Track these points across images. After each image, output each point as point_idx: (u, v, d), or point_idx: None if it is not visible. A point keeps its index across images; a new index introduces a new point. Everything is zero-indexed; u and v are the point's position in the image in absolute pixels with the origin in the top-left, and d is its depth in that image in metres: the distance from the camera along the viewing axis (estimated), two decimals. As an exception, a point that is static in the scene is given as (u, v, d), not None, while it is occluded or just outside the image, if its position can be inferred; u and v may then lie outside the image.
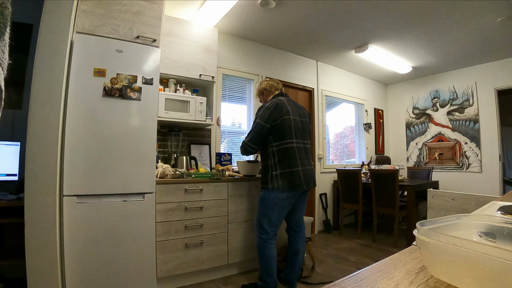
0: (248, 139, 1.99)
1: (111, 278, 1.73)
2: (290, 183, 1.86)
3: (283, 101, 1.99)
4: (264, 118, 1.91)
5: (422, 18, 2.79)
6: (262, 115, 1.93)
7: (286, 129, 1.91)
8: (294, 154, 1.90)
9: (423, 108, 4.67)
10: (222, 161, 2.84)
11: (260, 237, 1.95)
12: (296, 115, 1.99)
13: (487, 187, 3.84)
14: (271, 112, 1.91)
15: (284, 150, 1.90)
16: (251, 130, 1.99)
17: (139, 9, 2.02)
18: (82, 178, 1.68)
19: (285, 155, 1.89)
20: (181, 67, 2.49)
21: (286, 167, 1.88)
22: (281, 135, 1.91)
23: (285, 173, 1.87)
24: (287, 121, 1.92)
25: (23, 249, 1.48)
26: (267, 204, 1.92)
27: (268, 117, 1.91)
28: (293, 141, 1.92)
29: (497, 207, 0.72)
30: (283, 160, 1.89)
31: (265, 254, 1.94)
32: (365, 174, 3.80)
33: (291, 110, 1.97)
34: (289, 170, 1.87)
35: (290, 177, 1.87)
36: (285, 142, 1.91)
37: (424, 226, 0.39)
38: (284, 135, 1.91)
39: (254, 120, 1.99)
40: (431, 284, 0.36)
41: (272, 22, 2.93)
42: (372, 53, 3.61)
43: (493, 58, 3.85)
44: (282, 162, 1.89)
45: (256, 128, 1.94)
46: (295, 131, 1.94)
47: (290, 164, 1.88)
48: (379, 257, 2.56)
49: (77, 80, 1.70)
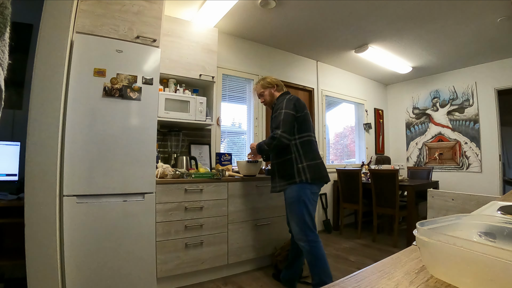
0: (281, 130, 1.81)
1: (111, 278, 1.73)
2: (318, 174, 1.84)
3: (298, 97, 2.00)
4: (290, 107, 1.87)
5: (422, 18, 2.79)
6: (288, 105, 1.87)
7: (307, 122, 1.93)
8: (315, 147, 1.93)
9: (423, 108, 4.67)
10: (222, 161, 2.84)
11: (310, 239, 1.78)
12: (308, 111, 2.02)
13: (487, 187, 3.84)
14: (295, 103, 1.90)
15: (308, 143, 1.90)
16: (279, 122, 1.83)
17: (139, 9, 2.02)
18: (82, 178, 1.68)
19: (309, 147, 1.89)
20: (181, 67, 2.49)
21: (312, 159, 1.86)
22: (304, 127, 1.91)
23: (311, 165, 1.84)
24: (307, 115, 1.94)
25: (23, 249, 1.48)
26: (305, 201, 1.80)
27: (294, 107, 1.88)
28: (311, 134, 1.94)
29: (497, 207, 0.72)
30: (308, 152, 1.87)
31: (320, 255, 1.78)
32: (365, 174, 3.80)
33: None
34: (315, 162, 1.86)
35: (317, 169, 1.85)
36: (308, 135, 1.91)
37: (424, 226, 0.39)
38: (306, 128, 1.91)
39: (278, 111, 1.88)
40: (431, 284, 0.36)
41: (272, 22, 2.93)
42: (372, 53, 3.61)
43: (493, 58, 3.85)
44: (308, 154, 1.87)
45: (287, 118, 1.84)
46: (311, 126, 1.97)
47: (314, 156, 1.88)
48: (379, 257, 2.56)
49: (77, 80, 1.70)
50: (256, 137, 3.33)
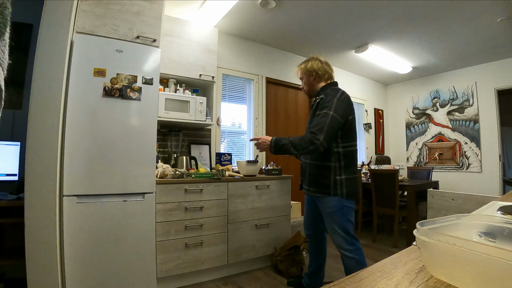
0: (324, 137, 1.51)
1: (111, 278, 1.73)
2: (354, 191, 1.63)
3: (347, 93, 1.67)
4: (340, 112, 1.56)
5: (422, 18, 2.79)
6: (337, 108, 1.55)
7: (353, 129, 1.66)
8: (356, 159, 1.69)
9: (423, 108, 4.67)
10: (222, 161, 2.84)
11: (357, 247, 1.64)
12: None
13: (487, 187, 3.84)
14: (345, 107, 1.59)
15: (351, 153, 1.65)
16: (323, 125, 1.53)
17: (139, 9, 2.02)
18: (82, 178, 1.68)
19: (352, 159, 1.65)
20: (181, 67, 2.49)
21: (352, 173, 1.64)
22: (351, 135, 1.64)
23: (350, 179, 1.62)
24: (354, 120, 1.66)
25: (23, 249, 1.48)
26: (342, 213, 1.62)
27: (344, 111, 1.58)
28: (355, 143, 1.68)
29: (497, 207, 0.72)
30: (349, 164, 1.63)
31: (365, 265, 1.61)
32: (365, 174, 3.80)
33: None
34: (353, 177, 1.64)
35: (355, 185, 1.64)
36: (353, 144, 1.65)
37: (424, 226, 0.39)
38: (353, 136, 1.65)
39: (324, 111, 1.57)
40: (431, 284, 0.36)
41: (272, 22, 2.93)
42: (372, 53, 3.61)
43: (493, 58, 3.85)
44: (349, 166, 1.63)
45: (333, 123, 1.53)
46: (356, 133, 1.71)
47: (354, 170, 1.66)
48: (379, 257, 2.57)
49: (77, 80, 1.70)
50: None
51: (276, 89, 3.62)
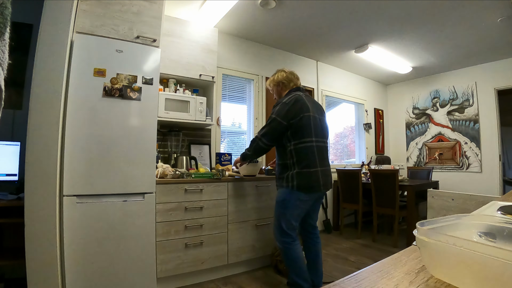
0: (261, 133, 1.86)
1: (111, 278, 1.73)
2: (307, 184, 1.77)
3: (302, 97, 1.86)
4: (282, 115, 1.80)
5: (422, 18, 2.79)
6: (279, 111, 1.82)
7: (306, 127, 1.81)
8: (313, 154, 1.80)
9: (423, 108, 4.67)
10: (222, 161, 2.84)
11: (283, 240, 1.84)
12: (315, 112, 1.89)
13: (487, 187, 3.84)
14: (289, 109, 1.80)
15: (303, 150, 1.80)
16: (265, 125, 1.87)
17: (139, 9, 2.02)
18: (82, 178, 1.68)
19: (304, 155, 1.79)
20: (181, 67, 2.49)
21: (305, 167, 1.78)
22: (301, 133, 1.80)
23: (302, 173, 1.77)
24: (307, 118, 1.81)
25: (23, 249, 1.48)
26: (287, 206, 1.81)
27: (286, 113, 1.80)
28: (312, 139, 1.82)
29: (497, 207, 0.72)
30: (302, 159, 1.79)
31: (293, 258, 1.83)
32: (365, 174, 3.80)
33: (310, 107, 1.86)
34: (307, 171, 1.78)
35: (308, 178, 1.77)
36: (304, 141, 1.80)
37: (424, 226, 0.39)
38: (303, 134, 1.80)
39: (270, 115, 1.87)
40: (431, 284, 0.36)
41: (272, 22, 2.93)
42: (372, 53, 3.61)
43: (493, 58, 3.85)
44: (301, 161, 1.79)
45: (272, 124, 1.82)
46: (315, 129, 1.84)
47: (308, 164, 1.79)
48: (379, 257, 2.56)
49: (77, 80, 1.70)
50: (256, 137, 3.33)
51: (276, 89, 3.62)
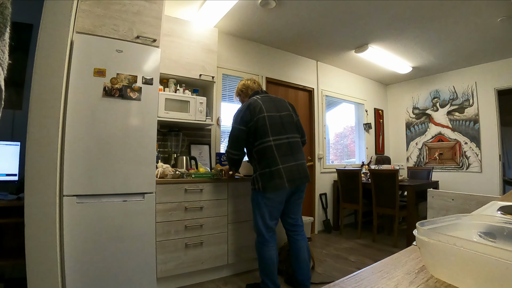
0: (228, 146, 1.97)
1: (111, 278, 1.73)
2: (269, 183, 1.81)
3: (255, 100, 1.94)
4: (238, 121, 1.91)
5: (422, 18, 2.79)
6: (236, 119, 1.94)
7: (261, 128, 1.86)
8: (272, 153, 1.83)
9: (423, 108, 4.67)
10: (222, 161, 2.84)
11: (257, 240, 1.94)
12: (272, 111, 1.92)
13: (487, 187, 3.84)
14: (242, 115, 1.90)
15: (262, 150, 1.85)
16: (229, 138, 1.97)
17: (139, 9, 2.02)
18: (82, 178, 1.68)
19: (263, 155, 1.85)
20: (181, 67, 2.49)
21: (265, 167, 1.83)
22: (259, 134, 1.87)
23: (264, 173, 1.83)
24: (262, 119, 1.87)
25: (23, 249, 1.48)
26: (257, 206, 1.90)
27: (241, 119, 1.89)
28: (269, 139, 1.85)
29: (497, 207, 0.72)
30: (261, 160, 1.86)
31: (262, 257, 1.91)
32: (365, 174, 3.80)
33: (265, 108, 1.90)
34: (268, 170, 1.82)
35: (270, 177, 1.81)
36: (261, 141, 1.86)
37: (424, 226, 0.39)
38: (261, 135, 1.86)
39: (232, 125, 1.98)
40: (431, 284, 0.36)
41: (272, 22, 2.93)
42: (372, 53, 3.61)
43: (493, 58, 3.85)
44: (261, 162, 1.86)
45: (233, 132, 1.93)
46: (271, 128, 1.86)
47: (268, 163, 1.83)
48: (379, 257, 2.56)
49: (77, 80, 1.70)
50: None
51: (276, 89, 3.62)
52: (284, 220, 2.04)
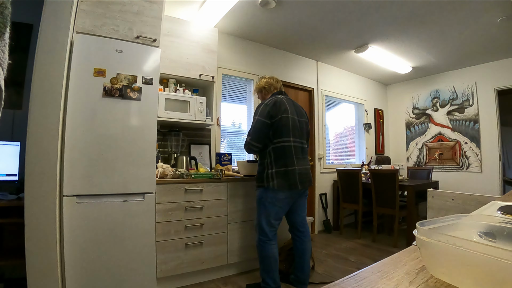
0: (250, 137, 1.95)
1: (111, 278, 1.73)
2: (285, 182, 1.85)
3: (281, 99, 1.97)
4: (264, 115, 1.90)
5: (422, 18, 2.79)
6: (262, 112, 1.92)
7: (284, 127, 1.90)
8: (290, 153, 1.89)
9: (423, 108, 4.67)
10: (222, 161, 2.84)
11: (259, 237, 1.94)
12: (294, 114, 1.98)
13: (487, 187, 3.84)
14: (269, 109, 1.91)
15: (281, 148, 1.88)
16: (251, 128, 1.96)
17: (139, 9, 2.02)
18: (82, 178, 1.68)
19: (282, 154, 1.88)
20: (181, 67, 2.49)
21: (282, 166, 1.86)
22: (279, 133, 1.89)
23: (280, 172, 1.86)
24: (285, 119, 1.91)
25: (23, 249, 1.48)
26: (265, 204, 1.90)
27: (267, 113, 1.90)
28: (290, 139, 1.90)
29: (497, 207, 0.72)
30: (279, 158, 1.88)
31: (264, 255, 1.92)
32: (365, 174, 3.80)
33: (289, 109, 1.95)
34: (285, 169, 1.86)
35: (285, 176, 1.85)
36: (283, 140, 1.89)
37: (424, 226, 0.39)
38: (282, 133, 1.89)
39: (254, 117, 1.97)
40: (431, 284, 0.36)
41: (272, 22, 2.93)
42: (372, 53, 3.61)
43: (493, 58, 3.85)
44: (278, 160, 1.87)
45: (257, 125, 1.92)
46: (293, 130, 1.92)
47: (286, 162, 1.87)
48: (379, 257, 2.56)
49: (77, 80, 1.70)
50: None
51: (276, 89, 3.62)
52: (294, 219, 2.06)
